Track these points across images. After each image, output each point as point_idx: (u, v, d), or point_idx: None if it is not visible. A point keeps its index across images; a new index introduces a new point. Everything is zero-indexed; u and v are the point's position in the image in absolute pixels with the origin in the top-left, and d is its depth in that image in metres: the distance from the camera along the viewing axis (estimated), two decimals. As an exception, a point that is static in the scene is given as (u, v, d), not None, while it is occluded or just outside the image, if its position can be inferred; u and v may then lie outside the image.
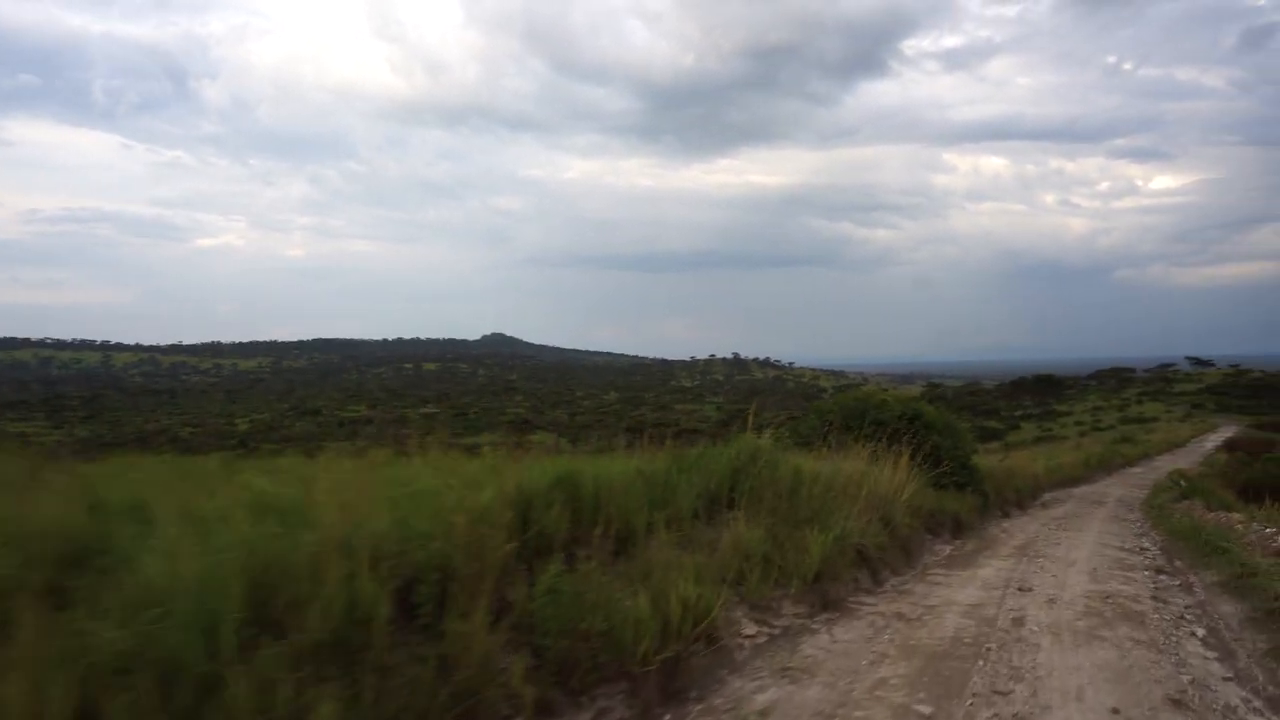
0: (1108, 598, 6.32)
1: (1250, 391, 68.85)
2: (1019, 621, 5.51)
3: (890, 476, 8.75)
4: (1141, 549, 9.29)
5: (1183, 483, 14.78)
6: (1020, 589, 6.64)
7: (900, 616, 5.62)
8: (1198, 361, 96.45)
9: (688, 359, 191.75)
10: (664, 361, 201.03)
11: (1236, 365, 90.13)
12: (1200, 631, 5.41)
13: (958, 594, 6.43)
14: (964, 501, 10.95)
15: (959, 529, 10.32)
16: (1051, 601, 6.16)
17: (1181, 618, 5.79)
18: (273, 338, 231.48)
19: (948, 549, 9.10)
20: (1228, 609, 6.06)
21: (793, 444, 9.92)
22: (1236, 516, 9.48)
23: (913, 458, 9.55)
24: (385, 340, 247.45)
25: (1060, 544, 9.47)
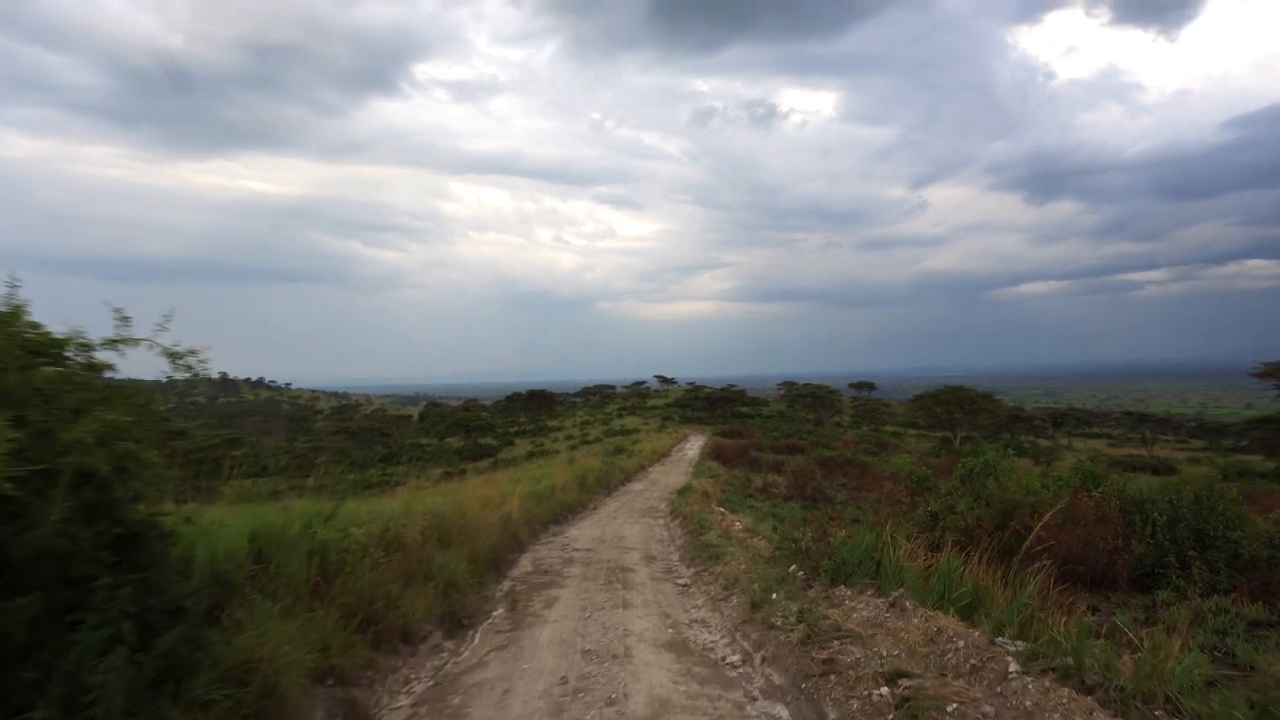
0: None
1: (706, 405, 76.06)
2: None
3: None
4: None
5: (807, 556, 6.38)
6: None
7: None
8: (664, 380, 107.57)
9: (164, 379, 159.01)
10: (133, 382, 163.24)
11: (693, 383, 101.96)
12: None
13: None
14: None
15: None
16: None
17: None
18: None
19: None
20: None
21: None
22: None
23: None
24: None
25: None
